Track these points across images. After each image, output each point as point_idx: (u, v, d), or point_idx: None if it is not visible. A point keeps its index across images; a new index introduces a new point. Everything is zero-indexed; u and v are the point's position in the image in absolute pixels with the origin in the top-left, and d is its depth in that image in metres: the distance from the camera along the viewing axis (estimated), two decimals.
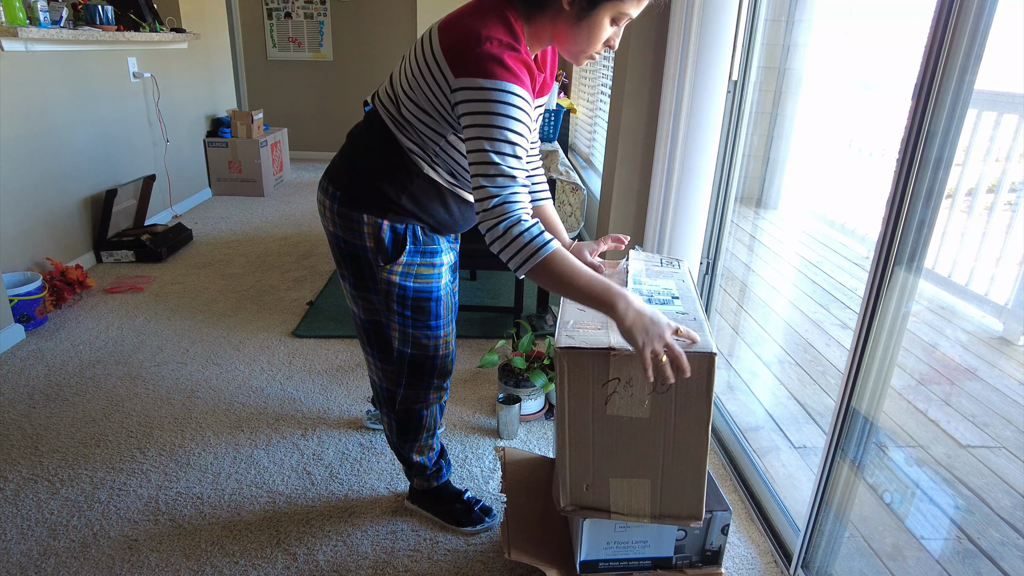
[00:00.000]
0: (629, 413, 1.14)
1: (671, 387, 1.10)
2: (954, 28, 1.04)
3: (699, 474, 1.17)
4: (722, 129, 2.05)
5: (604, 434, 1.17)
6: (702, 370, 1.09)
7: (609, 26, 1.13)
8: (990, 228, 2.51)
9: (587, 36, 1.13)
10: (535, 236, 1.07)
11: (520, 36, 1.12)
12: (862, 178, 3.28)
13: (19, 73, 2.88)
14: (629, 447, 1.17)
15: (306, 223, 4.33)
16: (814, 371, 2.50)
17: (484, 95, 1.05)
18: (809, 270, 3.31)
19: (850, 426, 1.34)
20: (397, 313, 1.36)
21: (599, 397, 1.14)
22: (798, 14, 2.48)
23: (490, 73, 1.05)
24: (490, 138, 1.06)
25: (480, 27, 1.08)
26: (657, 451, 1.16)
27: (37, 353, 2.48)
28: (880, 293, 1.21)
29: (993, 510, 1.66)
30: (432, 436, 1.59)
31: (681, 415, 1.13)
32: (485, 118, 1.06)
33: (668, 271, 1.44)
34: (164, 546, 1.59)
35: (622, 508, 1.22)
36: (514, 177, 1.07)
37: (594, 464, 1.19)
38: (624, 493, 1.20)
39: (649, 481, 1.19)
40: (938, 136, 1.10)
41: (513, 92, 1.05)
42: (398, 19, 5.99)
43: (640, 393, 1.13)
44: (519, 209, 1.08)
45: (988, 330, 2.42)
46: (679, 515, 1.21)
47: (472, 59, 1.06)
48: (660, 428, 1.15)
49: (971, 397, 2.11)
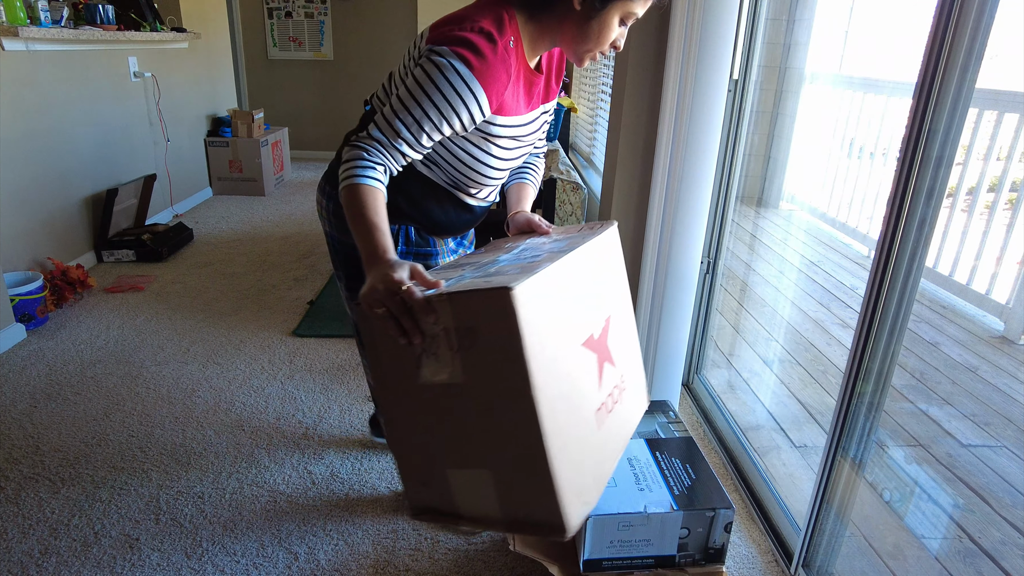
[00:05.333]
0: (441, 378, 0.91)
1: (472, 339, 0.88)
2: (955, 27, 1.04)
3: (542, 463, 0.88)
4: (723, 128, 2.05)
5: (426, 409, 0.95)
6: (501, 314, 0.84)
7: (617, 26, 1.12)
8: (991, 227, 2.51)
9: (596, 36, 1.11)
10: (361, 171, 1.04)
11: (509, 34, 1.10)
12: (863, 177, 3.28)
13: (20, 73, 2.88)
14: (456, 425, 0.94)
15: (307, 222, 4.33)
16: (815, 370, 2.50)
17: (435, 64, 1.03)
18: (810, 269, 3.31)
19: (851, 425, 1.34)
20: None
21: (408, 362, 0.93)
22: (799, 13, 2.48)
23: (454, 50, 1.03)
24: (412, 100, 1.04)
25: (468, 13, 1.09)
26: (486, 428, 0.91)
27: (38, 352, 2.48)
28: (881, 292, 1.21)
29: (994, 509, 1.66)
30: None
31: (496, 377, 0.88)
32: (422, 82, 1.04)
33: (582, 235, 1.19)
34: (165, 545, 1.59)
35: (470, 509, 0.98)
36: (396, 142, 1.05)
37: (424, 451, 0.97)
38: (468, 490, 0.96)
39: (488, 472, 0.93)
40: (939, 135, 1.10)
41: (463, 78, 1.03)
42: (399, 18, 5.99)
43: (444, 350, 0.90)
44: (375, 157, 1.05)
45: (989, 329, 2.42)
46: (536, 522, 0.92)
47: (445, 33, 1.06)
48: (481, 397, 0.90)
49: (972, 396, 2.11)
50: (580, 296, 1.04)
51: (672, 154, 2.14)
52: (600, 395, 1.06)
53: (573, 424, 0.96)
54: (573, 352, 0.98)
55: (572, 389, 0.97)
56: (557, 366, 0.93)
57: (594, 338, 1.06)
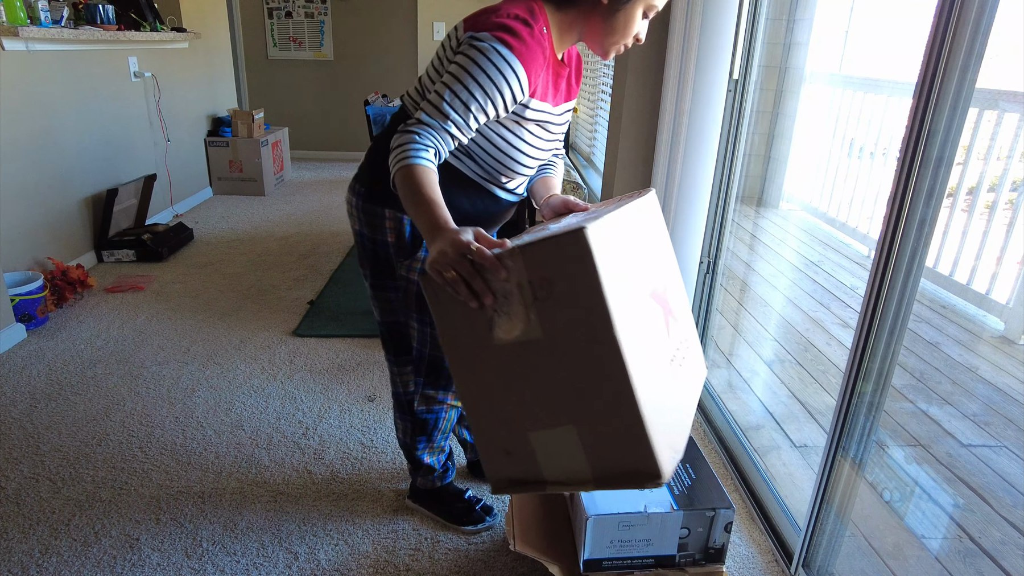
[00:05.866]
0: (517, 335, 0.89)
1: (548, 289, 0.86)
2: (955, 26, 1.04)
3: (630, 406, 0.86)
4: (723, 128, 2.05)
5: (503, 372, 0.91)
6: (576, 257, 0.83)
7: (640, 19, 1.17)
8: (991, 227, 2.51)
9: (622, 29, 1.17)
10: (415, 153, 1.05)
11: (541, 22, 1.15)
12: (863, 176, 3.28)
13: (20, 73, 2.88)
14: (537, 383, 0.90)
15: (307, 222, 4.33)
16: (815, 370, 2.50)
17: (478, 48, 1.08)
18: (810, 269, 3.31)
19: (851, 425, 1.34)
20: (416, 311, 1.37)
21: (480, 325, 0.91)
22: (799, 13, 2.48)
23: (494, 35, 1.08)
24: (458, 83, 1.08)
25: (500, 6, 1.15)
26: (568, 381, 0.89)
27: (38, 352, 2.48)
28: (881, 292, 1.21)
29: (994, 509, 1.66)
30: (445, 437, 1.61)
31: (578, 325, 0.86)
32: (466, 66, 1.08)
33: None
34: (165, 545, 1.59)
35: (557, 474, 0.93)
36: (446, 124, 1.08)
37: (503, 418, 0.94)
38: (553, 452, 0.93)
39: (574, 428, 0.90)
40: (939, 135, 1.10)
41: (506, 59, 1.07)
42: (399, 18, 5.99)
43: (517, 306, 0.88)
44: (426, 140, 1.07)
45: (989, 329, 2.42)
46: (627, 471, 0.89)
47: (483, 21, 1.11)
48: (561, 347, 0.88)
49: (972, 396, 2.11)
50: (641, 248, 1.02)
51: (672, 154, 2.14)
52: (670, 347, 1.04)
53: (653, 371, 0.93)
54: (643, 300, 0.97)
55: (648, 336, 0.94)
56: (632, 311, 0.90)
57: (657, 292, 1.04)
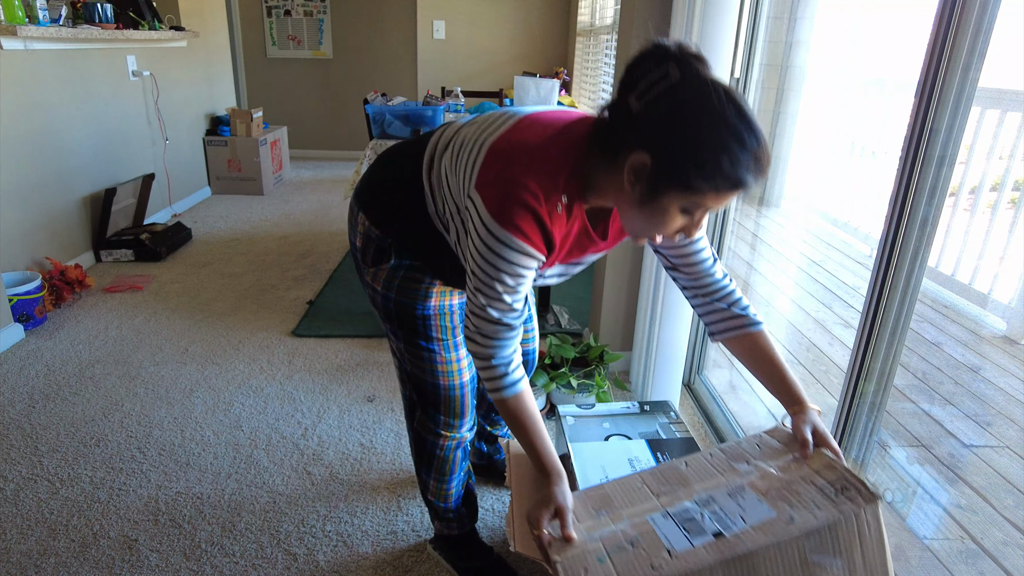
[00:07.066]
0: None
1: None
2: (957, 25, 1.03)
3: None
4: None
5: None
6: None
7: (680, 215, 0.94)
8: (993, 226, 2.50)
9: (650, 221, 0.96)
10: (504, 378, 1.07)
11: (556, 198, 1.00)
12: (865, 176, 3.27)
13: (18, 72, 2.87)
14: None
15: (306, 222, 4.32)
16: (816, 370, 2.49)
17: (491, 247, 1.00)
18: (812, 268, 3.30)
19: (853, 425, 1.34)
20: (386, 322, 1.30)
21: None
22: (800, 11, 2.47)
23: (507, 231, 0.98)
24: (487, 280, 1.02)
25: (527, 159, 1.01)
26: None
27: (36, 352, 2.48)
28: (883, 291, 1.21)
29: (996, 509, 1.66)
30: (448, 482, 1.44)
31: None
32: (491, 261, 1.01)
33: None
34: (164, 546, 1.58)
35: None
36: (505, 317, 1.05)
37: None
38: None
39: None
40: (941, 134, 1.09)
41: (521, 251, 1.00)
42: (398, 17, 5.97)
43: None
44: (500, 349, 1.07)
45: (991, 329, 2.41)
46: None
47: (496, 200, 0.99)
48: None
49: (974, 396, 2.11)
50: None
51: None
52: None
53: None
54: None
55: None
56: None
57: None
